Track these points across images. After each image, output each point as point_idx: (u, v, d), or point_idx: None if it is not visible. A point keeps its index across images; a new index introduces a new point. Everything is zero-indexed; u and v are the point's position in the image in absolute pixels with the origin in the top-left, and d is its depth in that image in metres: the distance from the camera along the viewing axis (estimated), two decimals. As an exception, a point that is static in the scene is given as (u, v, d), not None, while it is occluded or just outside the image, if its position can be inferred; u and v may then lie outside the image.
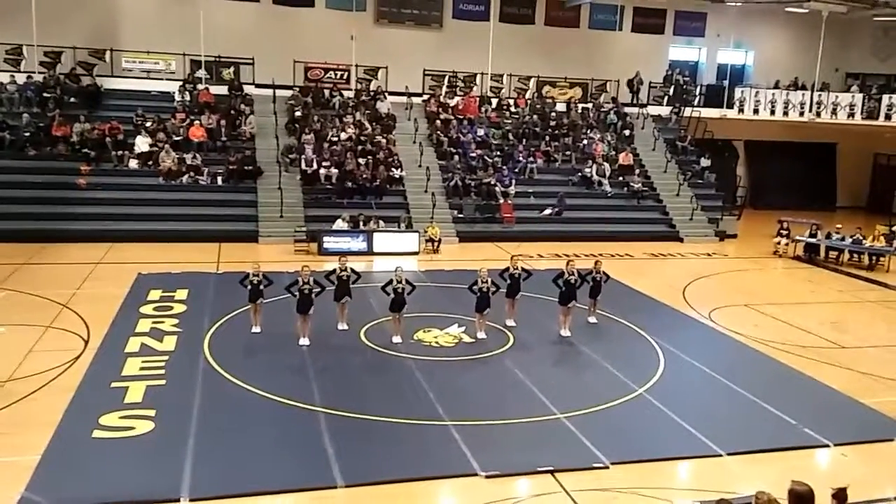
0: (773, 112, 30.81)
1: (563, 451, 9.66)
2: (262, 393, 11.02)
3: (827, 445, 10.23)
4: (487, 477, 8.93)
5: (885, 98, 29.86)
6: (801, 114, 30.68)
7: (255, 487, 8.48)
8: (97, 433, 9.53)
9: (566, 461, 9.35)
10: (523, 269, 14.68)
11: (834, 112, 30.56)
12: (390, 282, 13.46)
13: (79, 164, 22.66)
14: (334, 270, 13.90)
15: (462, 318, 14.62)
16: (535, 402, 11.13)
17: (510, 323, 14.62)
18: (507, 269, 14.54)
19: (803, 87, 31.14)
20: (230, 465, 8.96)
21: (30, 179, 22.07)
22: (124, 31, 26.80)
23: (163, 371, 11.66)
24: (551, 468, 9.14)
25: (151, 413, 10.12)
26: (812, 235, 23.66)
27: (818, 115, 30.59)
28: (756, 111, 30.81)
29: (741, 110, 30.85)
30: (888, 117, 29.62)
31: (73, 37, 25.78)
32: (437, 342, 13.72)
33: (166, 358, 12.22)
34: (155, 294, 15.77)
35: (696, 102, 31.76)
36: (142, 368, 11.71)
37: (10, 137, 22.93)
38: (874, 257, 22.62)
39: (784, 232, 24.17)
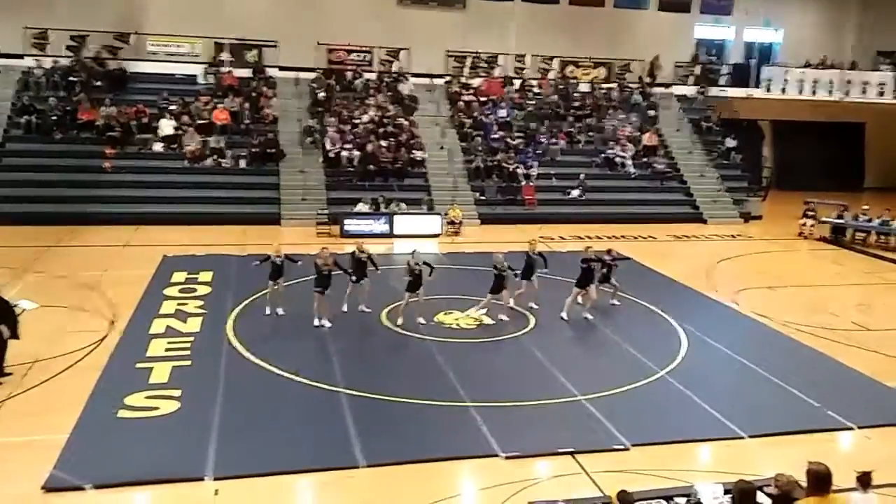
0: (800, 91, 30.28)
1: (583, 432, 9.67)
2: (284, 373, 11.12)
3: (851, 428, 10.14)
4: (507, 458, 8.97)
5: (917, 76, 29.24)
6: (830, 93, 30.11)
7: (277, 467, 8.59)
8: (122, 413, 9.69)
9: (586, 443, 9.36)
10: (540, 253, 14.66)
11: (863, 91, 29.96)
12: (407, 265, 13.55)
13: (104, 148, 22.87)
14: (353, 253, 14.00)
15: (483, 300, 14.60)
16: (555, 383, 11.14)
17: (532, 305, 14.61)
18: (526, 252, 14.54)
19: (832, 66, 30.55)
20: (253, 445, 9.07)
21: (57, 163, 22.32)
22: (149, 15, 26.89)
23: (188, 352, 11.81)
24: (571, 450, 9.16)
25: (177, 393, 10.27)
26: (839, 217, 23.31)
27: (847, 94, 30.00)
28: (783, 90, 30.30)
29: (768, 90, 30.34)
30: (919, 96, 29.02)
31: (99, 21, 25.95)
32: (457, 324, 13.76)
33: (191, 339, 12.37)
34: (180, 276, 15.93)
35: (722, 82, 31.28)
36: (167, 349, 11.87)
37: (37, 121, 23.19)
38: (903, 239, 22.25)
39: (810, 213, 23.82)
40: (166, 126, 23.91)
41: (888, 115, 31.81)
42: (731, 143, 28.81)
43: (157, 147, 23.63)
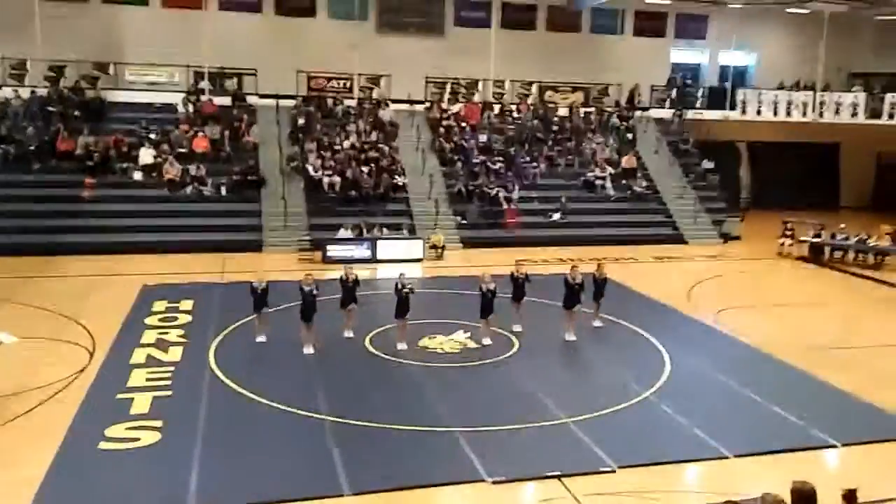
0: (775, 113, 30.78)
1: (569, 455, 9.62)
2: (268, 402, 11.00)
3: (834, 446, 10.17)
4: (494, 483, 8.90)
5: (889, 97, 29.75)
6: (804, 114, 30.62)
7: (261, 497, 8.47)
8: (103, 445, 9.53)
9: (573, 466, 9.32)
10: (525, 275, 14.67)
11: (837, 112, 30.48)
12: (397, 286, 13.50)
13: (83, 177, 22.71)
14: (341, 278, 13.95)
15: (467, 324, 14.59)
16: (540, 406, 11.10)
17: (516, 328, 14.60)
18: (512, 273, 14.54)
19: (806, 88, 31.09)
20: (236, 475, 8.95)
21: (35, 193, 22.13)
22: (128, 44, 26.91)
23: (169, 382, 11.66)
24: (558, 473, 9.11)
25: (158, 424, 10.12)
26: (816, 236, 23.58)
27: (821, 115, 30.51)
28: (759, 112, 30.78)
29: (744, 112, 30.80)
30: (891, 116, 29.52)
31: (77, 50, 25.91)
32: (442, 348, 13.70)
33: (172, 369, 12.23)
34: (160, 305, 15.78)
35: (698, 105, 31.72)
36: (148, 379, 11.72)
37: (15, 152, 23.01)
38: (879, 256, 22.52)
39: (788, 233, 24.09)
40: (146, 155, 23.81)
41: (861, 136, 32.36)
42: (708, 164, 29.14)
43: (137, 176, 23.51)
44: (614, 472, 9.24)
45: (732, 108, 30.99)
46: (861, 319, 17.30)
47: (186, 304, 15.87)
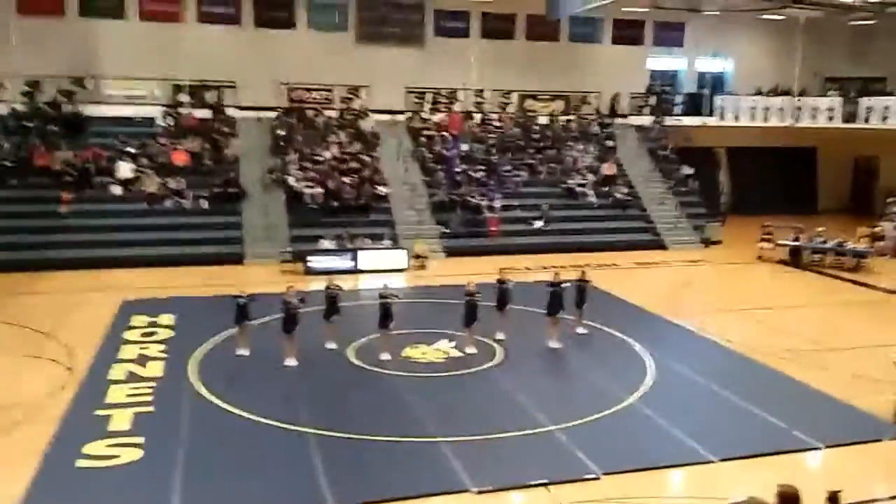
0: (753, 118, 31.05)
1: (554, 463, 9.59)
2: (251, 416, 10.89)
3: (818, 448, 10.20)
4: (479, 493, 8.85)
5: (864, 101, 30.10)
6: (781, 119, 30.91)
7: (244, 512, 8.37)
8: (82, 462, 9.38)
9: (558, 473, 9.28)
10: (508, 281, 14.66)
11: (814, 116, 30.79)
12: (381, 296, 13.44)
13: (61, 193, 22.47)
14: (326, 288, 13.87)
15: (451, 334, 14.54)
16: (525, 415, 11.06)
17: (499, 336, 14.56)
18: (498, 280, 14.54)
19: (783, 93, 31.38)
20: (219, 491, 8.84)
21: (12, 209, 21.84)
22: (106, 58, 26.66)
23: (150, 398, 11.52)
24: (544, 481, 9.07)
25: (140, 440, 9.98)
26: (795, 239, 23.76)
27: (798, 119, 30.81)
28: (736, 118, 31.05)
29: (722, 117, 31.05)
30: (867, 120, 29.84)
31: (54, 65, 25.64)
32: (425, 358, 13.64)
33: (153, 384, 12.08)
34: (140, 320, 15.61)
35: (677, 111, 31.92)
36: (129, 395, 11.57)
37: (-8, 168, 22.74)
38: (857, 259, 22.72)
39: (768, 237, 24.26)
40: (124, 168, 23.61)
41: (837, 140, 32.69)
42: (687, 170, 29.30)
43: (116, 190, 23.30)
44: (599, 479, 9.22)
45: (711, 114, 31.22)
46: (841, 322, 17.43)
47: (167, 319, 15.71)
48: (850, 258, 22.77)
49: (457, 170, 26.26)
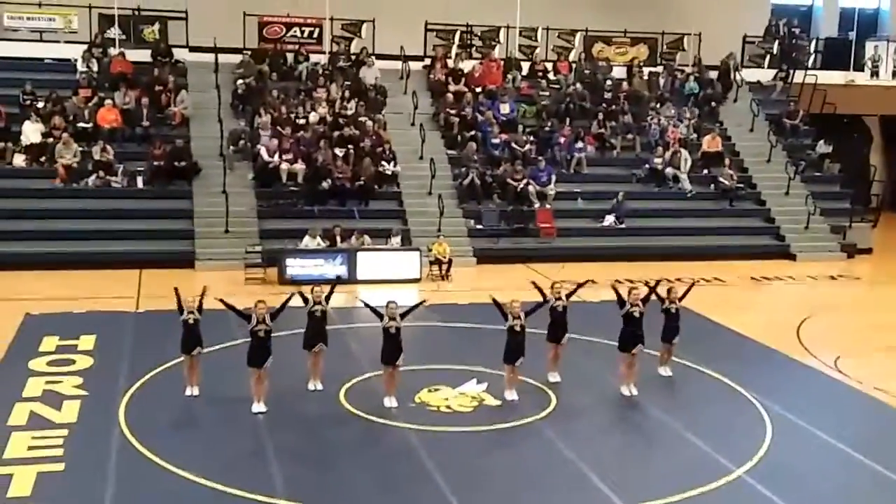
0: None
1: (629, 558, 9.62)
2: (203, 481, 10.98)
3: None
4: None
5: None
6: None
7: None
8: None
9: (634, 573, 9.31)
10: (566, 301, 14.64)
11: None
12: (382, 318, 13.45)
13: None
14: (307, 302, 13.95)
15: (483, 372, 14.58)
16: (587, 489, 11.07)
17: (552, 378, 14.58)
18: (547, 301, 14.53)
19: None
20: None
21: None
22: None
23: (61, 451, 11.64)
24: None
25: (43, 514, 10.12)
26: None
27: None
28: (896, 75, 30.91)
29: (875, 73, 30.86)
30: None
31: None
32: (448, 406, 13.68)
33: (65, 433, 12.19)
34: (50, 343, 15.79)
35: (810, 64, 31.78)
36: (31, 448, 11.68)
37: None
38: None
39: (939, 245, 24.09)
40: (31, 131, 23.92)
41: None
42: (824, 148, 29.16)
43: (18, 161, 23.60)
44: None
45: (859, 68, 31.01)
46: None
47: (87, 342, 15.88)
48: None
49: (494, 141, 26.31)
